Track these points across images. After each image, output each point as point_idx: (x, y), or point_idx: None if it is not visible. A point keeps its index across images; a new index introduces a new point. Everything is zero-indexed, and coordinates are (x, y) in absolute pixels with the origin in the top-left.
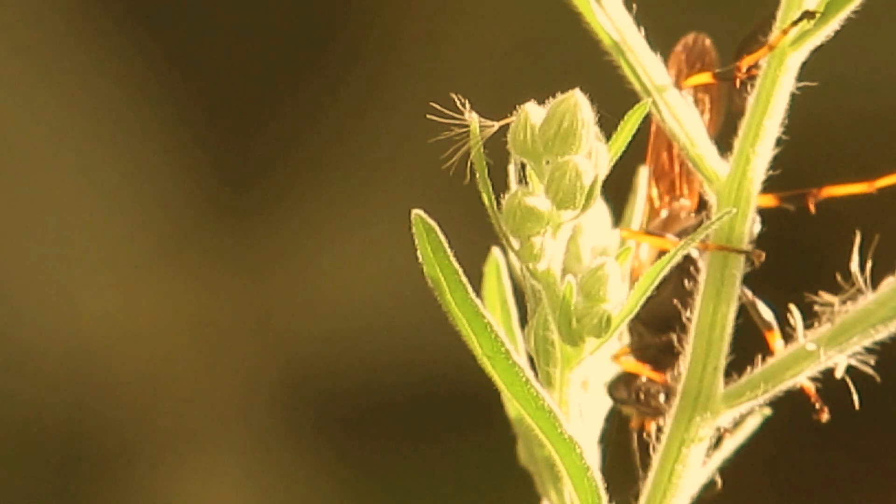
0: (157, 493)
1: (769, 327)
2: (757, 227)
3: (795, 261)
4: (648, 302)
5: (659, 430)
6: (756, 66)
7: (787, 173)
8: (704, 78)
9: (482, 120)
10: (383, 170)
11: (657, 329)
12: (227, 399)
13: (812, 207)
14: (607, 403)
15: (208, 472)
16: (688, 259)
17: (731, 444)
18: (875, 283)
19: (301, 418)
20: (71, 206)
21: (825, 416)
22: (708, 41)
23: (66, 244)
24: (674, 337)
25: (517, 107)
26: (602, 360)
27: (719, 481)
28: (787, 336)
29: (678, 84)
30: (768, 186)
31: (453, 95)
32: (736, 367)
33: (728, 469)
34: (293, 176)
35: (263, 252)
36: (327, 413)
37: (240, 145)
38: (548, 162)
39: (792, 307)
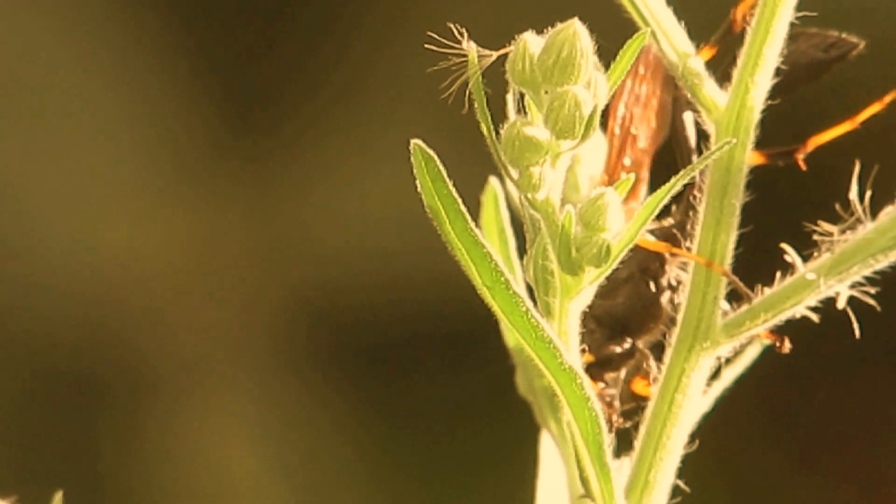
0: (164, 418)
1: None
2: None
3: (794, 190)
4: (606, 302)
5: (660, 361)
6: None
7: (785, 103)
8: (708, 53)
9: (480, 49)
10: (384, 102)
11: (612, 330)
12: (233, 331)
13: (802, 164)
14: None
15: (215, 400)
16: (649, 259)
17: (730, 374)
18: (874, 212)
19: (306, 349)
20: (81, 144)
21: (787, 347)
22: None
23: (77, 181)
24: (628, 340)
25: (516, 36)
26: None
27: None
28: (787, 267)
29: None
30: (766, 120)
31: (451, 25)
32: (736, 296)
33: (722, 401)
34: (296, 110)
35: (268, 186)
36: (331, 343)
37: (244, 79)
38: (546, 91)
39: (785, 247)
